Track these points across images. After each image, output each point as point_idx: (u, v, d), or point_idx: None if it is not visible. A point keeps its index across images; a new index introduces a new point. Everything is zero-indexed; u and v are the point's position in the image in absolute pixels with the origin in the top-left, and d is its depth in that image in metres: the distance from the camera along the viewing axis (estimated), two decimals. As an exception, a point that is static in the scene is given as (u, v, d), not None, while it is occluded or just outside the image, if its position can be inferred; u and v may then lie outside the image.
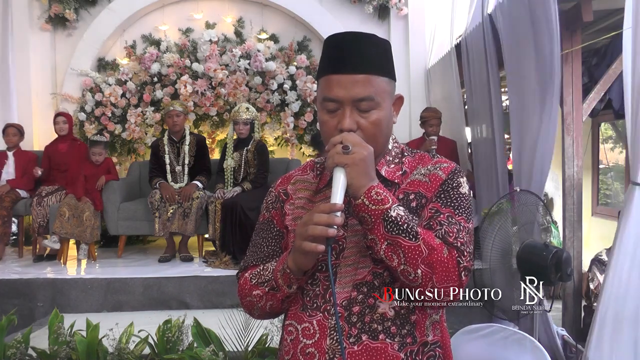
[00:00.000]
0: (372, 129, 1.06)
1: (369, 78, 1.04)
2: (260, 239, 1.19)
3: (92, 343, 2.69)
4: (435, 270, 0.96)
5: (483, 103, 3.95)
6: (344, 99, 1.04)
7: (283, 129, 5.69)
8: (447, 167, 1.09)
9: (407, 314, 1.04)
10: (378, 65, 1.06)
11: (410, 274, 0.97)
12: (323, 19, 5.64)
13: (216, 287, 3.88)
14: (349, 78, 1.04)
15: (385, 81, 1.07)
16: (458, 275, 0.97)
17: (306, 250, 0.97)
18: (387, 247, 0.97)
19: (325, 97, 1.07)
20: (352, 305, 1.03)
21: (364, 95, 1.04)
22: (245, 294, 1.14)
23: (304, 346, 1.05)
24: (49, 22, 5.62)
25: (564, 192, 3.32)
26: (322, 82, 1.08)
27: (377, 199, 0.98)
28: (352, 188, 0.99)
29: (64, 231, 4.31)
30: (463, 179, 1.09)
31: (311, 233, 0.96)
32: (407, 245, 0.96)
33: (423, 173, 1.10)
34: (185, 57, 5.53)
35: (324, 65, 1.09)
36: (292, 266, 1.04)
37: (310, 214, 0.99)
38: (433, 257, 0.96)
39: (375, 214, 0.97)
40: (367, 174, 0.99)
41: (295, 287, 1.06)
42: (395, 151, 1.15)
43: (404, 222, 0.97)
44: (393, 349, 1.01)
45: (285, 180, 1.22)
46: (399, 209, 0.99)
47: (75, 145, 4.93)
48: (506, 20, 3.38)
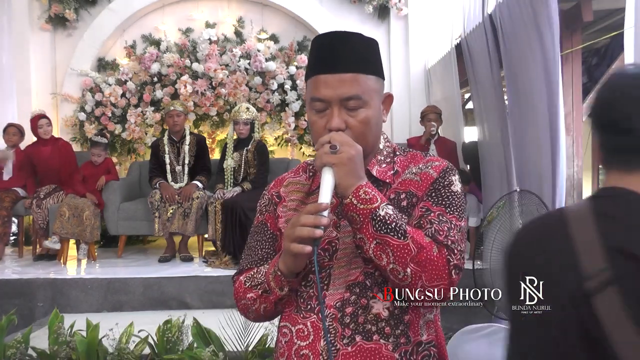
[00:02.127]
0: (360, 127, 1.05)
1: (356, 77, 1.04)
2: (255, 242, 1.19)
3: (92, 343, 2.68)
4: (425, 268, 0.95)
5: (489, 102, 3.94)
6: (332, 98, 1.04)
7: (284, 129, 5.69)
8: (438, 166, 1.09)
9: (400, 314, 1.03)
10: (365, 64, 1.06)
11: (400, 273, 0.96)
12: (323, 19, 5.65)
13: (216, 287, 3.88)
14: (335, 77, 1.03)
15: (372, 79, 1.07)
16: (448, 274, 0.96)
17: (294, 251, 0.97)
18: (376, 247, 0.97)
19: (312, 97, 1.06)
20: (345, 306, 1.03)
21: (351, 94, 1.03)
22: (240, 297, 1.14)
23: (299, 348, 1.05)
24: (49, 22, 5.63)
25: (564, 192, 3.31)
26: (310, 83, 1.08)
27: (366, 198, 0.97)
28: (340, 187, 0.98)
29: (64, 231, 4.31)
30: (455, 177, 1.08)
31: (298, 234, 0.96)
32: (395, 244, 0.96)
33: (414, 172, 1.09)
34: (185, 57, 5.53)
35: (311, 66, 1.09)
36: (283, 268, 1.04)
37: (298, 215, 0.99)
38: (422, 256, 0.95)
39: (363, 213, 0.97)
40: (355, 173, 0.99)
41: (287, 290, 1.06)
42: (386, 150, 1.15)
43: (393, 220, 0.97)
44: (387, 350, 1.01)
45: (278, 183, 1.22)
46: (388, 208, 0.98)
47: (57, 146, 4.84)
48: (505, 20, 3.38)
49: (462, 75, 4.73)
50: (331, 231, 1.07)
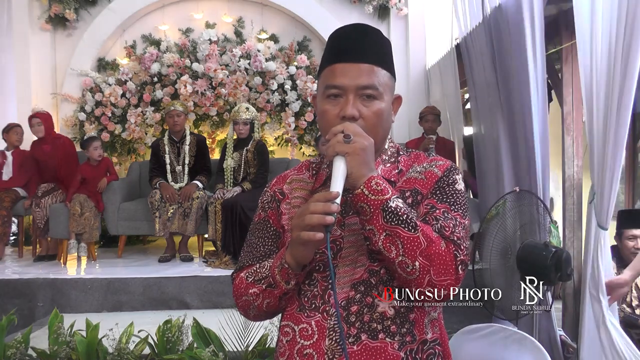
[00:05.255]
0: (373, 118, 1.06)
1: (373, 68, 1.06)
2: (256, 238, 1.18)
3: (92, 343, 2.69)
4: (433, 262, 0.95)
5: (487, 102, 3.94)
6: (348, 86, 1.05)
7: (284, 129, 5.69)
8: (442, 165, 1.10)
9: (406, 312, 1.03)
10: (382, 58, 1.08)
11: (408, 265, 0.96)
12: (323, 19, 5.64)
13: (216, 287, 3.88)
14: (354, 67, 1.05)
15: (387, 75, 1.09)
16: (455, 269, 0.96)
17: (304, 239, 0.95)
18: (386, 238, 0.97)
19: (328, 84, 1.07)
20: (351, 304, 1.03)
21: (368, 83, 1.05)
22: (241, 293, 1.12)
23: (302, 347, 1.04)
24: (49, 22, 5.62)
25: (564, 192, 3.31)
26: (326, 72, 1.09)
27: (377, 189, 0.97)
28: (351, 177, 0.98)
29: (79, 227, 4.37)
30: (459, 176, 1.09)
31: (308, 222, 0.94)
32: (406, 236, 0.96)
33: (419, 170, 1.10)
34: (185, 57, 5.53)
35: (328, 57, 1.10)
36: (290, 261, 1.02)
37: (306, 204, 0.98)
38: (431, 249, 0.96)
39: (374, 204, 0.97)
40: (368, 164, 0.99)
41: (293, 283, 1.05)
42: (391, 150, 1.16)
43: (404, 212, 0.97)
44: (393, 348, 1.01)
45: (281, 180, 1.21)
46: (398, 201, 0.98)
47: (59, 143, 4.82)
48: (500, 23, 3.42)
49: (461, 76, 4.72)
50: (336, 230, 1.06)
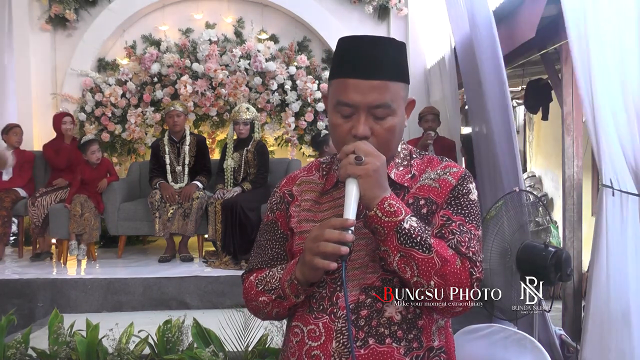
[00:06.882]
0: (386, 135, 1.05)
1: (386, 84, 1.02)
2: (265, 240, 1.19)
3: (92, 343, 2.69)
4: (448, 281, 0.96)
5: (484, 100, 3.94)
6: (360, 104, 1.02)
7: (284, 129, 5.69)
8: (456, 172, 1.09)
9: (414, 318, 1.03)
10: (395, 71, 1.04)
11: (423, 285, 0.97)
12: (323, 19, 5.64)
13: (216, 288, 3.88)
14: (366, 83, 1.02)
15: (401, 87, 1.06)
16: (470, 286, 0.97)
17: (317, 267, 0.97)
18: (400, 259, 0.97)
19: (339, 100, 1.04)
20: (360, 308, 1.03)
21: (380, 102, 1.02)
22: (250, 298, 1.14)
23: (309, 348, 1.05)
24: (49, 22, 5.62)
25: (564, 192, 3.32)
26: (337, 85, 1.06)
27: (390, 211, 0.97)
28: (364, 199, 0.98)
29: (80, 228, 4.37)
30: (472, 185, 1.08)
31: (322, 250, 0.95)
32: (420, 257, 0.96)
33: (432, 178, 1.09)
34: (185, 57, 5.53)
35: (339, 67, 1.06)
36: (300, 277, 1.03)
37: (321, 228, 0.97)
38: (446, 269, 0.96)
39: (388, 225, 0.97)
40: (380, 185, 0.98)
41: (302, 297, 1.06)
42: (403, 153, 1.14)
43: (417, 234, 0.97)
44: (399, 354, 1.01)
45: (291, 181, 1.20)
46: (412, 220, 0.98)
47: (76, 144, 4.94)
48: None
49: (460, 76, 4.72)
50: None
